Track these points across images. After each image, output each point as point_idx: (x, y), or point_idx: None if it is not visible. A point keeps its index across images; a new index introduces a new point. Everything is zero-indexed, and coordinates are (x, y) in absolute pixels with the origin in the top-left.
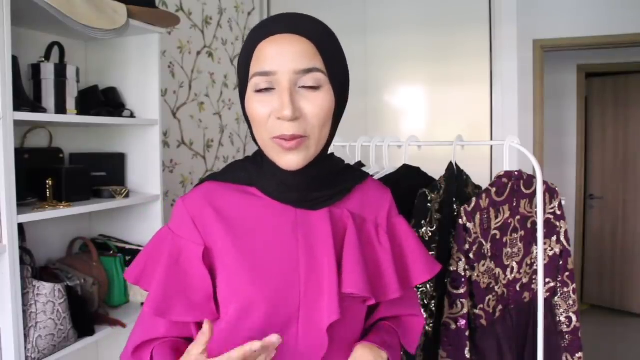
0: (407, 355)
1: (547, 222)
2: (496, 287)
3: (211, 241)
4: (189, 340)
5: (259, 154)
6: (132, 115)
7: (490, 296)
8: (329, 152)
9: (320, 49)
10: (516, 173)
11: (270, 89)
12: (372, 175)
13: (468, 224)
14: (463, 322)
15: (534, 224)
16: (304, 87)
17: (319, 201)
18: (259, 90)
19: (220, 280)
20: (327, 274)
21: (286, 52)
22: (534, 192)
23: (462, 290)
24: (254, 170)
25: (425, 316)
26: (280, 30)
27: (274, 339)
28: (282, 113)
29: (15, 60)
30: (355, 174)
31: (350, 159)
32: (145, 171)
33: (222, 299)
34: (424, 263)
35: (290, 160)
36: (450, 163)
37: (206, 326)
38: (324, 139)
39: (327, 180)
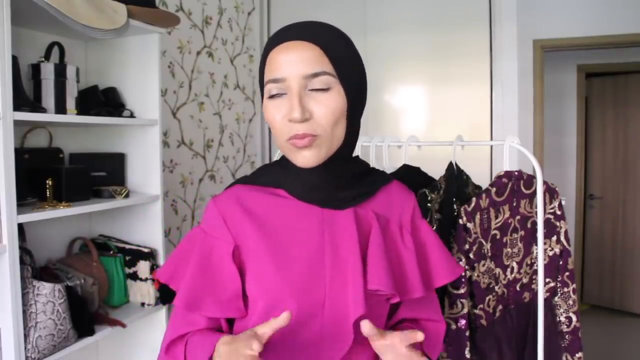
0: None
1: (547, 222)
2: (496, 287)
3: (241, 239)
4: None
5: (285, 157)
6: (132, 115)
7: (490, 296)
8: (355, 154)
9: (329, 52)
10: (516, 173)
11: (282, 95)
12: None
13: (468, 224)
14: (463, 322)
15: (534, 224)
16: (313, 89)
17: (344, 201)
18: (272, 96)
19: (249, 277)
20: (351, 271)
21: (294, 58)
22: (534, 192)
23: (462, 290)
24: (280, 173)
25: None
26: (288, 38)
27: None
28: (292, 115)
29: (15, 60)
30: (381, 176)
31: None
32: (145, 171)
33: (251, 295)
34: (447, 265)
35: (304, 157)
36: (450, 163)
37: (286, 315)
38: (337, 139)
39: (351, 181)
